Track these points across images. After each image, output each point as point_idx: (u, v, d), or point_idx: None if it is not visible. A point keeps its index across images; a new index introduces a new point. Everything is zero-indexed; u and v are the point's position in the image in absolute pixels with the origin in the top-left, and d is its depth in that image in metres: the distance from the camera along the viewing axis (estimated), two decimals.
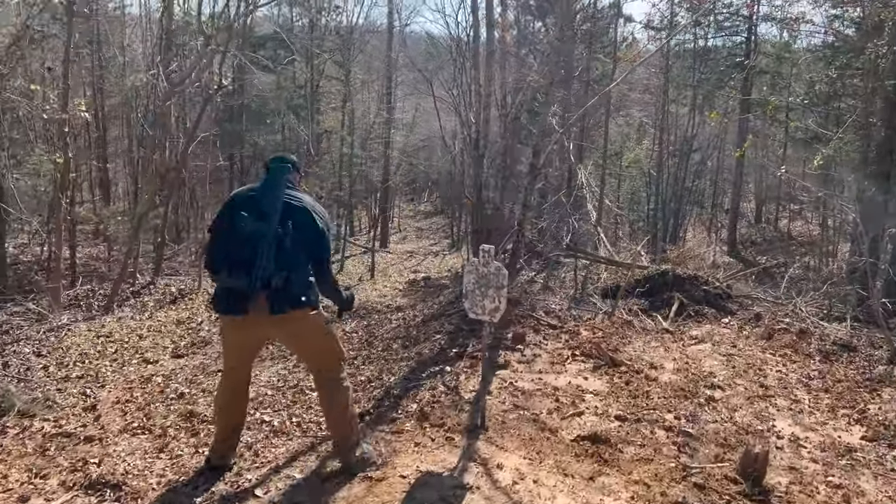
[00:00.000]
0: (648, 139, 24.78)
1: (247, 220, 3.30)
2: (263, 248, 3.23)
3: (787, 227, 25.76)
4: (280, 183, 3.37)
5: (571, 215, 13.20)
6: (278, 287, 3.24)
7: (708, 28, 24.01)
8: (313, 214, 3.37)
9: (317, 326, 3.49)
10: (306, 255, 3.38)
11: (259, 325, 3.37)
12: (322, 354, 3.60)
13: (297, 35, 21.35)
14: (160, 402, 4.81)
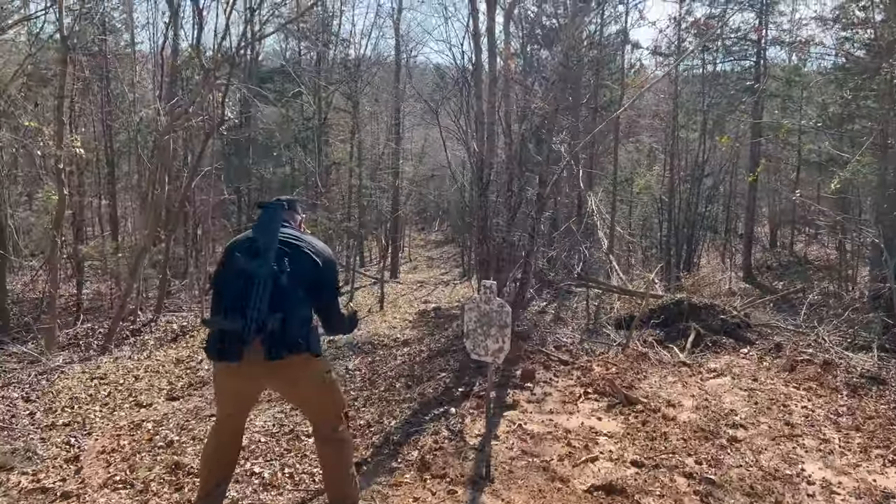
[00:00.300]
0: (659, 165, 24.56)
1: (240, 260, 3.08)
2: (258, 288, 2.99)
3: (804, 251, 25.29)
4: (274, 222, 3.15)
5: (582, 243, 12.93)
6: (274, 330, 2.97)
7: (716, 53, 23.90)
8: (311, 253, 3.14)
9: (316, 375, 3.21)
10: (306, 296, 3.13)
11: (254, 372, 3.09)
12: (321, 406, 3.31)
13: (305, 68, 21.41)
14: (147, 452, 4.55)
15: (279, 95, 19.36)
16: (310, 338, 3.10)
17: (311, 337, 3.12)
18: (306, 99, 19.34)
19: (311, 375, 3.18)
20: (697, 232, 22.51)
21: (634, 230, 21.91)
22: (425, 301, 21.90)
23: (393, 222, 27.26)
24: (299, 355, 3.06)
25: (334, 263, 3.26)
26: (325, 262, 3.18)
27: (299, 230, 3.36)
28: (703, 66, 23.37)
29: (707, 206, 23.32)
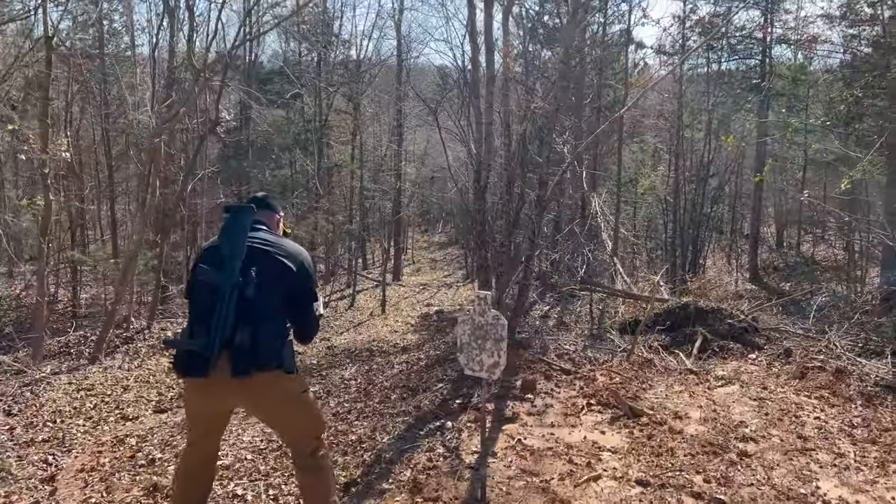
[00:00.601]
0: (664, 165, 24.30)
1: (205, 272, 2.85)
2: (222, 301, 2.75)
3: (812, 251, 24.99)
4: (240, 226, 2.90)
5: (586, 246, 12.70)
6: (242, 345, 2.73)
7: (721, 52, 23.64)
8: (283, 258, 2.89)
9: (289, 394, 2.94)
10: (280, 306, 2.89)
11: (222, 390, 2.83)
12: (296, 428, 3.04)
13: (305, 70, 21.22)
14: (127, 471, 4.33)
15: (279, 97, 19.18)
16: (283, 353, 2.86)
17: (285, 352, 2.87)
18: (307, 101, 19.15)
19: (283, 394, 2.91)
20: (703, 233, 22.22)
21: (639, 232, 21.66)
22: (428, 304, 21.68)
23: (395, 224, 27.06)
24: (270, 373, 2.82)
25: (309, 268, 3.01)
26: (299, 268, 2.94)
27: (276, 230, 3.12)
28: (708, 66, 23.12)
29: (712, 207, 23.04)
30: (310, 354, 9.39)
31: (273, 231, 3.08)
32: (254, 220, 2.97)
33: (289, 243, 3.00)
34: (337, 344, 12.40)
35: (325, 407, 5.77)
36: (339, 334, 16.45)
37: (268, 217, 3.10)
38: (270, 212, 3.15)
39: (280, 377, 2.87)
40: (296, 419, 3.01)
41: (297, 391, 3.00)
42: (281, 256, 2.90)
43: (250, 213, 2.97)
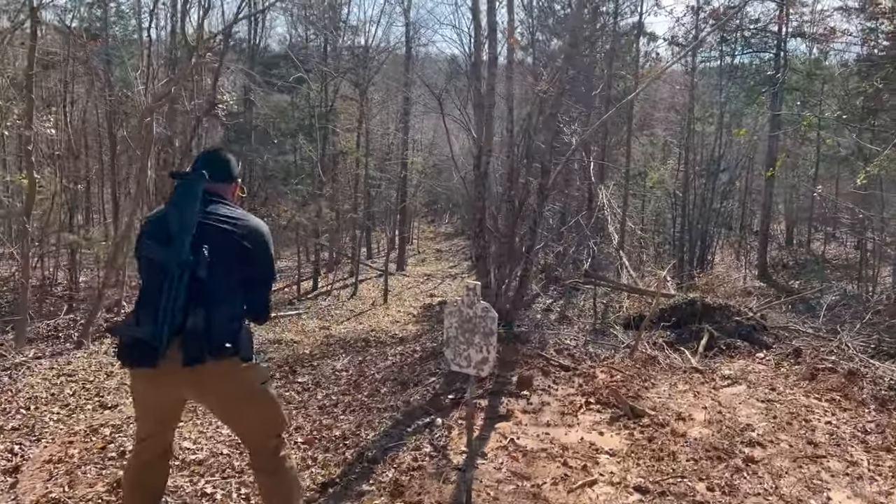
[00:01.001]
0: (673, 159, 23.93)
1: (150, 248, 2.56)
2: (170, 283, 2.47)
3: (823, 249, 24.60)
4: (191, 196, 2.57)
5: (592, 238, 12.41)
6: (194, 329, 2.45)
7: (735, 45, 23.20)
8: (239, 235, 2.58)
9: (247, 385, 2.64)
10: (236, 287, 2.60)
11: (173, 380, 2.54)
12: (254, 425, 2.75)
13: (312, 55, 20.93)
14: (94, 464, 4.10)
15: (284, 82, 18.90)
16: (238, 339, 2.55)
17: (241, 338, 2.56)
18: (312, 86, 18.88)
19: (240, 386, 2.61)
20: (711, 228, 21.88)
21: (647, 226, 21.30)
22: (431, 294, 21.44)
23: (401, 213, 26.81)
24: (225, 360, 2.52)
25: (270, 247, 2.71)
26: (259, 247, 2.63)
27: (233, 200, 2.79)
28: (721, 59, 22.70)
29: (722, 202, 22.68)
30: (305, 343, 9.18)
31: (231, 203, 2.74)
32: (209, 192, 2.63)
33: (248, 219, 2.67)
34: (335, 333, 12.17)
35: (312, 399, 5.54)
36: (339, 323, 16.23)
37: (223, 189, 2.75)
38: (226, 184, 2.78)
39: (237, 366, 2.57)
40: (254, 414, 2.72)
41: (256, 382, 2.70)
42: (238, 236, 2.59)
43: (201, 182, 2.61)
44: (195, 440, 4.43)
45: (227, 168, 2.79)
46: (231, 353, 2.52)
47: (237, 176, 2.87)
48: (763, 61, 24.06)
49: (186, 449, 4.25)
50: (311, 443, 4.43)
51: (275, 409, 2.81)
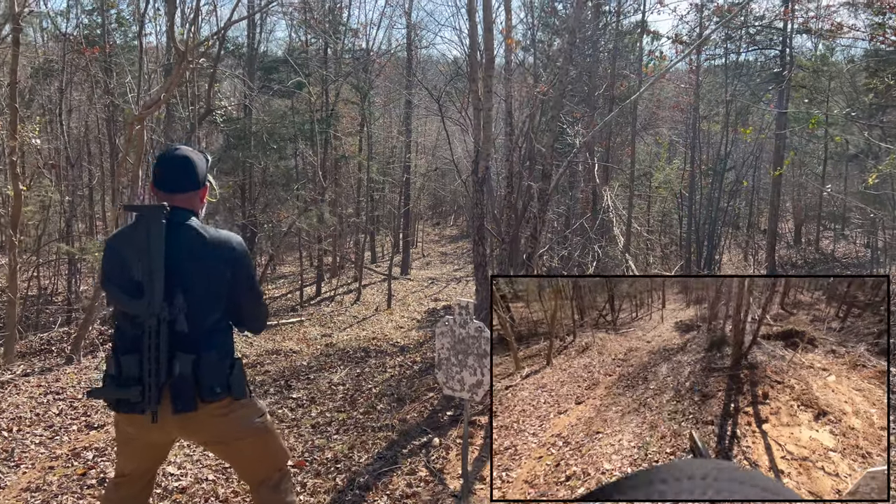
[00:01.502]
0: (679, 158, 23.67)
1: (119, 299, 2.33)
2: (150, 336, 2.22)
3: (833, 248, 24.29)
4: (153, 237, 2.26)
5: (597, 241, 12.18)
6: (183, 376, 2.26)
7: (740, 42, 22.94)
8: (213, 263, 2.33)
9: (242, 424, 2.44)
10: (219, 322, 2.40)
11: (163, 424, 2.32)
12: (256, 462, 2.54)
13: (312, 59, 20.75)
14: (72, 493, 3.89)
15: (284, 87, 18.72)
16: (231, 379, 2.36)
17: (234, 376, 2.37)
18: (313, 90, 18.69)
19: (235, 425, 2.42)
20: (719, 228, 21.60)
21: (653, 227, 21.06)
22: (436, 298, 21.23)
23: (405, 217, 26.60)
24: (218, 402, 2.34)
25: (246, 257, 2.45)
26: (236, 264, 2.39)
27: (199, 208, 2.49)
28: (726, 56, 22.42)
29: (729, 202, 22.40)
30: (304, 353, 8.97)
31: (197, 216, 2.45)
32: (170, 217, 2.33)
33: (217, 236, 2.38)
34: (337, 341, 11.98)
35: (306, 417, 5.32)
36: (341, 330, 16.03)
37: (188, 200, 2.43)
38: (190, 193, 2.44)
39: (231, 405, 2.39)
40: (252, 451, 2.50)
41: (253, 418, 2.49)
42: (212, 260, 2.34)
43: (161, 215, 2.29)
44: (180, 464, 4.22)
45: (189, 174, 2.44)
46: (223, 395, 2.33)
47: (203, 179, 2.50)
48: (768, 58, 23.79)
49: (170, 475, 4.04)
50: (301, 466, 4.22)
51: (274, 443, 2.59)
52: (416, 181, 26.69)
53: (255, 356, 8.74)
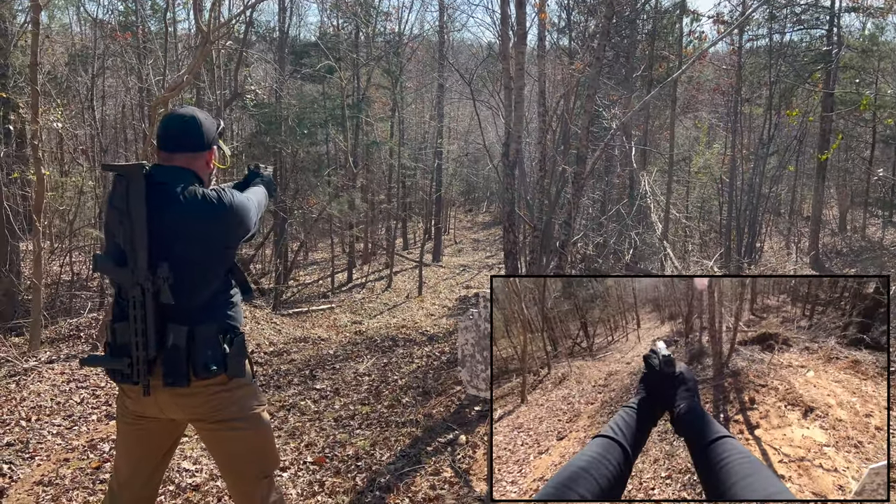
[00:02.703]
0: (720, 143, 22.98)
1: (105, 266, 2.14)
2: (135, 307, 2.05)
3: (882, 235, 23.37)
4: (133, 200, 2.04)
5: (634, 228, 11.78)
6: (176, 348, 2.07)
7: (784, 21, 22.08)
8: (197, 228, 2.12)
9: (237, 407, 2.22)
10: (216, 293, 2.19)
11: (157, 399, 2.15)
12: (240, 456, 2.28)
13: (343, 43, 20.55)
14: (84, 488, 3.76)
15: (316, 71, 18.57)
16: (228, 355, 2.15)
17: (232, 353, 2.16)
18: (344, 75, 18.50)
19: (232, 404, 2.21)
20: (760, 215, 20.92)
21: (692, 213, 20.48)
22: (467, 286, 21.01)
23: (436, 203, 26.38)
24: (214, 379, 2.14)
25: (234, 210, 2.18)
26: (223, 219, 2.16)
27: (205, 172, 2.27)
28: (770, 37, 21.59)
29: (772, 188, 21.67)
30: (332, 342, 8.81)
31: (201, 181, 2.23)
32: (165, 170, 2.14)
33: (194, 193, 2.13)
34: (366, 328, 11.82)
35: (329, 409, 5.13)
36: (371, 317, 15.93)
37: (190, 161, 2.22)
38: (191, 154, 2.22)
39: (227, 383, 2.19)
40: (244, 444, 2.27)
41: (251, 402, 2.28)
42: (194, 222, 2.11)
43: (140, 174, 2.06)
44: (196, 459, 4.06)
45: (192, 133, 2.21)
46: (217, 372, 2.13)
47: (210, 141, 2.27)
48: (814, 38, 22.89)
49: (185, 471, 3.88)
50: (321, 463, 4.03)
51: (266, 441, 2.36)
52: (447, 167, 26.40)
53: (283, 343, 8.62)
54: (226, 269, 2.25)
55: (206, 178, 2.30)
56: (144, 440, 2.33)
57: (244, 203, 2.23)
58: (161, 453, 2.41)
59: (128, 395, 2.25)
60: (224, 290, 2.24)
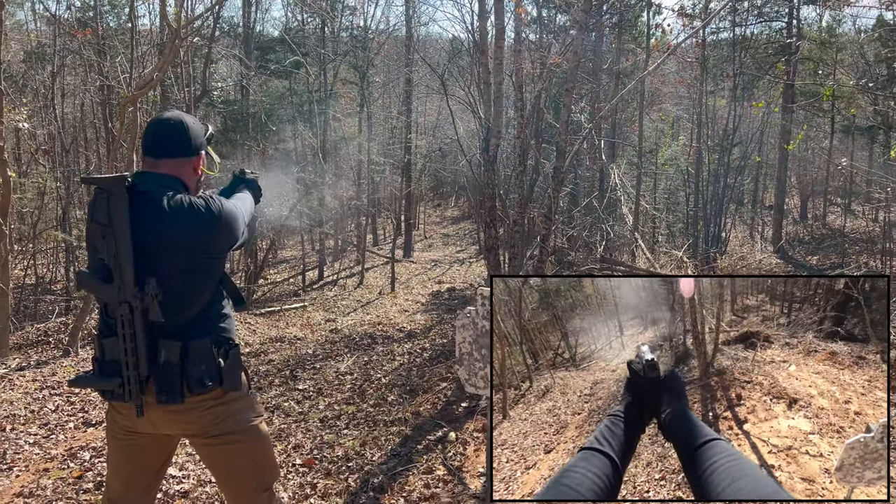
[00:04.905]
0: (685, 135, 23.31)
1: (89, 283, 2.04)
2: (123, 326, 1.96)
3: (844, 223, 23.95)
4: (114, 213, 1.95)
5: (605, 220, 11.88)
6: (168, 364, 1.99)
7: (745, 14, 22.47)
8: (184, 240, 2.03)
9: (233, 420, 2.15)
10: (207, 306, 2.12)
11: (151, 417, 2.07)
12: (239, 470, 2.21)
13: (309, 38, 20.32)
14: (67, 498, 3.66)
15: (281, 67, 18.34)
16: (223, 369, 2.07)
17: (227, 367, 2.08)
18: (311, 70, 18.30)
19: (228, 417, 2.14)
20: (725, 205, 21.30)
21: (659, 205, 20.75)
22: (439, 281, 20.98)
23: (406, 199, 26.28)
24: (209, 394, 2.08)
25: (222, 219, 2.09)
26: (211, 227, 2.07)
27: (192, 178, 2.19)
28: (733, 29, 21.95)
29: (736, 178, 22.06)
30: (309, 341, 8.73)
31: (188, 188, 2.16)
32: (140, 189, 2.03)
33: (179, 202, 2.03)
34: (341, 326, 11.73)
35: (313, 410, 5.08)
36: (345, 315, 15.80)
37: (177, 167, 2.14)
38: (179, 159, 2.14)
39: (223, 396, 2.13)
40: (242, 458, 2.20)
41: (248, 415, 2.22)
42: (180, 233, 2.02)
43: (122, 187, 1.96)
44: (182, 465, 3.98)
45: (179, 138, 2.14)
46: (213, 387, 2.06)
47: (198, 147, 2.19)
48: (774, 31, 23.36)
49: (171, 477, 3.80)
50: (310, 465, 3.98)
51: (265, 454, 2.30)
52: (416, 162, 26.30)
53: (259, 344, 8.52)
54: (216, 279, 2.18)
55: (193, 186, 2.22)
56: (136, 456, 2.25)
57: (232, 210, 2.15)
58: (155, 469, 2.32)
59: (118, 410, 2.17)
60: (216, 302, 2.17)
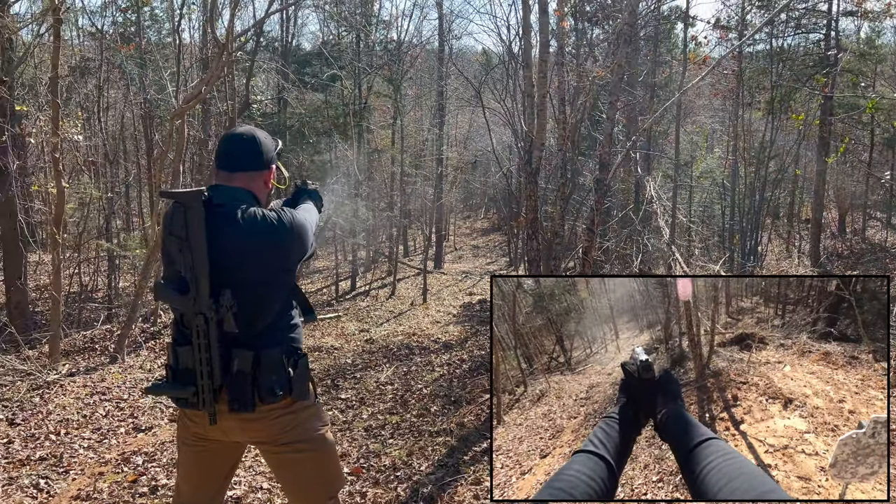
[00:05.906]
0: (720, 147, 23.07)
1: (167, 295, 2.10)
2: (199, 336, 2.03)
3: (886, 237, 23.46)
4: (192, 227, 2.02)
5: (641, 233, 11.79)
6: (242, 372, 2.05)
7: (783, 26, 22.23)
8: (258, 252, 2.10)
9: (300, 430, 2.19)
10: (279, 315, 2.17)
11: (223, 424, 2.13)
12: (306, 479, 2.25)
13: (344, 51, 20.59)
14: (124, 501, 3.74)
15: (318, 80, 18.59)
16: (293, 378, 2.12)
17: (297, 376, 2.13)
18: (346, 83, 18.53)
19: (292, 429, 2.18)
20: (762, 218, 21.00)
21: (695, 217, 20.55)
22: (470, 292, 20.99)
23: (437, 210, 26.40)
24: (278, 403, 2.13)
25: (294, 231, 2.16)
26: (283, 240, 2.13)
27: (263, 192, 2.26)
28: (771, 41, 21.74)
29: (773, 191, 21.76)
30: (346, 350, 8.79)
31: (259, 201, 2.22)
32: (216, 202, 2.09)
33: (252, 215, 2.10)
34: (375, 336, 11.80)
35: (357, 419, 5.12)
36: (378, 325, 15.88)
37: (249, 181, 2.21)
38: (251, 173, 2.22)
39: (292, 406, 2.17)
40: (310, 467, 2.25)
41: (315, 424, 2.26)
42: (254, 245, 2.10)
43: (199, 201, 2.04)
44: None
45: (252, 152, 2.21)
46: (283, 396, 2.12)
47: (269, 161, 2.26)
48: (813, 43, 23.06)
49: None
50: (357, 473, 4.02)
51: (332, 462, 2.34)
52: (447, 174, 26.42)
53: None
54: (287, 290, 2.23)
55: (264, 199, 2.30)
56: (206, 462, 2.31)
57: (303, 223, 2.21)
58: (223, 474, 2.40)
59: (190, 418, 2.23)
60: (286, 312, 2.22)
